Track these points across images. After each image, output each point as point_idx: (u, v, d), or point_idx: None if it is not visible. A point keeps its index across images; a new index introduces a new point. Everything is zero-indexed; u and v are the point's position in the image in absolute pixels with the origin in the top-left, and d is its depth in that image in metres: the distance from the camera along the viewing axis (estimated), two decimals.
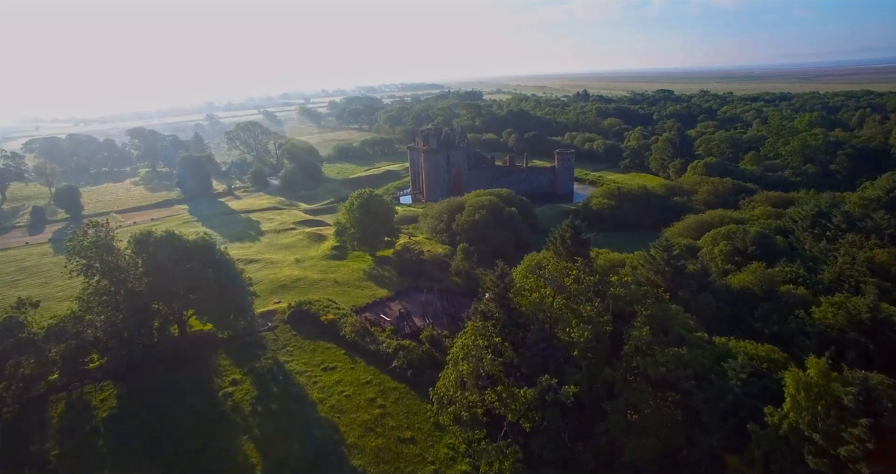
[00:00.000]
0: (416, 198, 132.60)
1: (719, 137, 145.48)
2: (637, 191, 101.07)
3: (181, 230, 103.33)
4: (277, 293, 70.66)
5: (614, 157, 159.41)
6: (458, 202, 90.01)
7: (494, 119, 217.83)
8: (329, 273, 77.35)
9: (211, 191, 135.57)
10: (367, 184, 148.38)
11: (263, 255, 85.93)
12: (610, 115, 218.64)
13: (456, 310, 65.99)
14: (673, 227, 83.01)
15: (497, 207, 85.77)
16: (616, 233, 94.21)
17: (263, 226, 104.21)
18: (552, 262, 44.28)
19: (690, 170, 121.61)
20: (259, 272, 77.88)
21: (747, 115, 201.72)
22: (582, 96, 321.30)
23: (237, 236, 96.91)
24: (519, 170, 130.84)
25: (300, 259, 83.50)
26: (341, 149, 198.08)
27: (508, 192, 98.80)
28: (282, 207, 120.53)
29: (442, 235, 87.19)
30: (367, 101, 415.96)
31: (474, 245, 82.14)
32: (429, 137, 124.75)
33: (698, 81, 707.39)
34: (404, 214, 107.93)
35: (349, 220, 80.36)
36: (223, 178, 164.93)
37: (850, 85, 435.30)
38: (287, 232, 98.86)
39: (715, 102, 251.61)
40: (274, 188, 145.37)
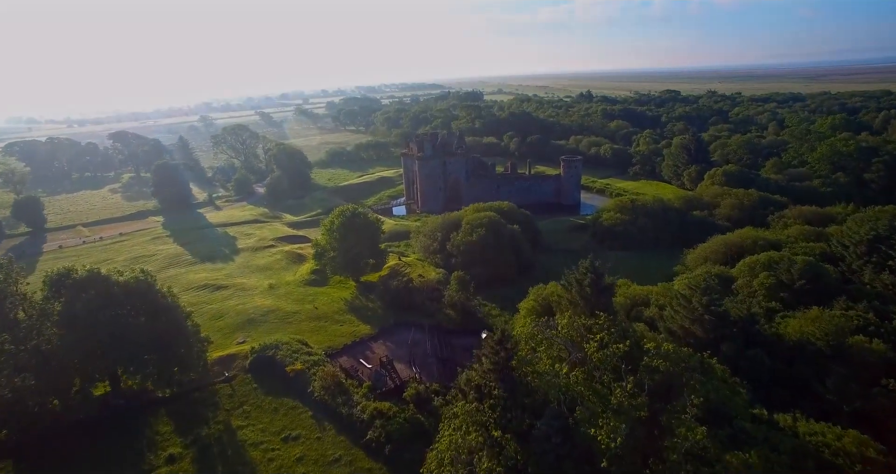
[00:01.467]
0: (410, 209, 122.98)
1: (736, 142, 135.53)
2: (653, 204, 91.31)
3: (148, 247, 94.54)
4: (244, 329, 61.08)
5: (622, 163, 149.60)
6: (454, 219, 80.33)
7: (495, 121, 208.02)
8: (306, 303, 67.77)
9: (189, 201, 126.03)
10: (359, 191, 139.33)
11: (234, 279, 76.32)
12: (616, 116, 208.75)
13: (450, 353, 56.41)
14: (696, 250, 73.29)
15: (497, 225, 76.08)
16: (631, 253, 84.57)
17: (240, 242, 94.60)
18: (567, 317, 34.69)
19: (708, 178, 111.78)
20: (226, 301, 68.37)
21: (761, 117, 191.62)
22: (585, 97, 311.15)
23: (209, 255, 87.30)
24: (521, 179, 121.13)
25: (275, 284, 73.91)
26: (334, 154, 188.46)
27: (510, 206, 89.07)
28: (264, 220, 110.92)
29: (435, 257, 77.53)
30: (364, 102, 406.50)
31: (472, 268, 72.58)
32: (423, 143, 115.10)
33: (701, 81, 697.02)
34: (395, 229, 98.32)
35: (329, 242, 70.75)
36: (207, 186, 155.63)
37: (856, 84, 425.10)
38: (265, 250, 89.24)
39: (726, 103, 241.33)
40: (259, 197, 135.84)
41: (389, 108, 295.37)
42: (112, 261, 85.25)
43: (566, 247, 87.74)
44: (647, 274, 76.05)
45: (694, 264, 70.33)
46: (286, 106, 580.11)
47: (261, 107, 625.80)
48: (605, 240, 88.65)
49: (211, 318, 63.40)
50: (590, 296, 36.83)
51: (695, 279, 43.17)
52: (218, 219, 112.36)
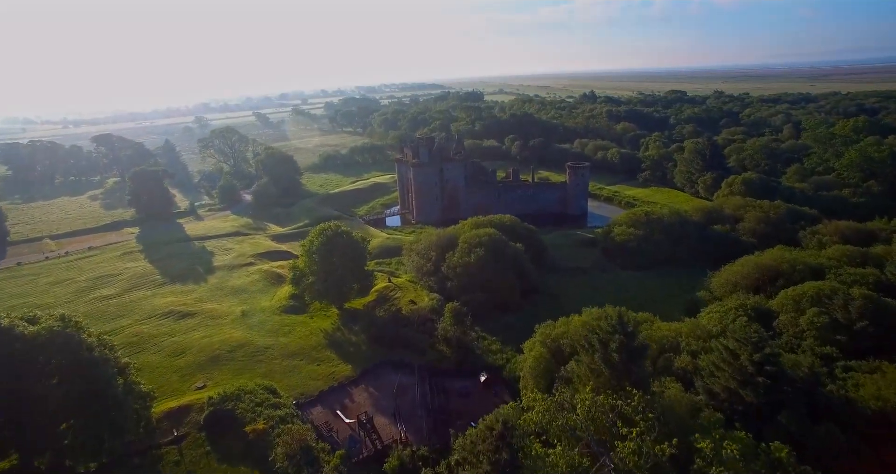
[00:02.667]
0: (405, 219, 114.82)
1: (753, 146, 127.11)
2: (669, 217, 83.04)
3: (115, 265, 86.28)
4: (206, 369, 52.99)
5: (631, 168, 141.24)
6: (449, 236, 72.14)
7: (496, 123, 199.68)
8: (280, 335, 59.70)
9: (169, 211, 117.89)
10: (352, 199, 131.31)
11: (204, 305, 68.25)
12: (622, 118, 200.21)
13: (443, 401, 48.27)
14: (723, 272, 64.89)
15: (497, 244, 67.87)
16: (645, 272, 76.39)
17: (217, 258, 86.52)
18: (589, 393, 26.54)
19: (726, 187, 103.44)
20: (191, 333, 60.26)
21: (775, 118, 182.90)
22: (589, 97, 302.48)
23: (180, 274, 79.21)
24: (524, 187, 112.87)
25: (248, 311, 65.83)
26: (327, 158, 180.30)
27: (511, 220, 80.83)
28: (246, 232, 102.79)
29: (429, 279, 69.34)
30: (362, 103, 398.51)
31: (470, 293, 64.53)
32: (419, 148, 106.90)
33: (703, 81, 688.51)
34: (386, 244, 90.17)
35: (307, 265, 62.62)
36: (192, 193, 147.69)
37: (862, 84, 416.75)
38: (242, 269, 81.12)
39: (735, 105, 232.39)
40: (246, 205, 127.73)
41: (387, 110, 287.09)
42: (73, 280, 77.25)
43: (574, 265, 79.56)
44: (666, 298, 68.09)
45: (721, 289, 62.02)
46: (285, 106, 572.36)
47: (260, 107, 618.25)
48: (617, 258, 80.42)
49: (170, 355, 55.39)
50: (618, 363, 28.63)
51: (741, 329, 34.77)
52: (197, 230, 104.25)
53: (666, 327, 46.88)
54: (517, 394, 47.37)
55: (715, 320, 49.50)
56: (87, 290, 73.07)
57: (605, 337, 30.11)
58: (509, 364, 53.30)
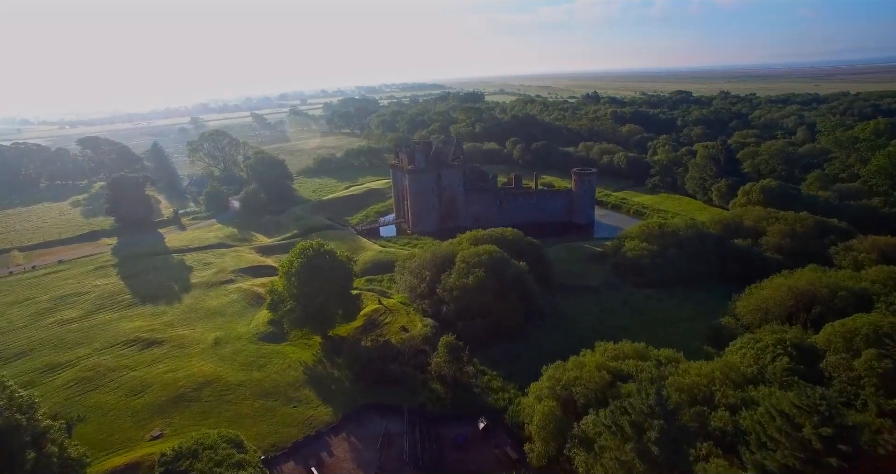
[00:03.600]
0: (400, 228, 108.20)
1: (768, 150, 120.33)
2: (686, 230, 76.33)
3: (83, 282, 79.30)
4: (167, 412, 46.43)
5: (639, 173, 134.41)
6: (446, 253, 65.50)
7: (497, 125, 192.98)
8: (255, 369, 53.14)
9: (151, 220, 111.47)
10: (345, 206, 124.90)
11: (174, 330, 61.73)
12: (627, 120, 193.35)
13: (436, 452, 41.67)
14: (750, 295, 58.31)
15: (498, 264, 61.25)
16: (660, 291, 69.71)
17: (195, 274, 79.99)
18: None
19: (742, 195, 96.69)
20: (155, 365, 53.71)
21: (787, 120, 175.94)
22: (592, 98, 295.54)
23: (153, 293, 72.69)
24: (527, 194, 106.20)
25: (222, 339, 59.28)
26: (322, 161, 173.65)
27: (514, 234, 74.24)
28: (230, 244, 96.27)
29: (422, 302, 62.74)
30: (361, 103, 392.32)
31: (468, 318, 58.14)
32: (415, 153, 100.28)
33: (705, 81, 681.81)
34: (378, 258, 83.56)
35: (286, 288, 56.04)
36: (179, 199, 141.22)
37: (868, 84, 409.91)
38: (221, 287, 74.58)
39: (744, 105, 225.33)
40: (233, 212, 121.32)
41: (385, 111, 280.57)
42: (34, 300, 70.77)
43: (583, 283, 72.88)
44: (684, 322, 61.41)
45: (749, 316, 55.44)
46: (285, 107, 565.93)
47: (259, 108, 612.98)
48: (629, 275, 73.73)
49: (128, 394, 48.86)
50: (658, 456, 21.95)
51: (807, 397, 27.96)
52: (178, 242, 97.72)
53: (695, 370, 40.17)
54: (520, 443, 40.91)
55: (750, 359, 42.78)
56: (47, 312, 66.56)
57: (638, 417, 23.44)
58: (512, 405, 46.75)
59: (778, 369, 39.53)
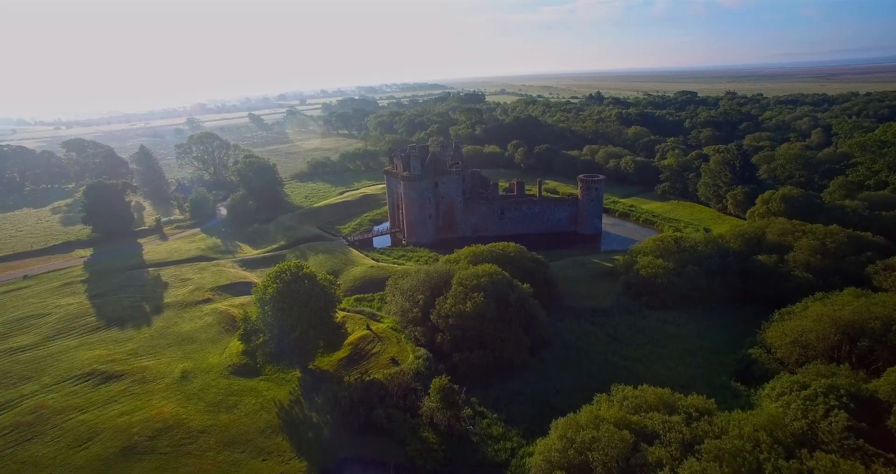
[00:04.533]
0: (395, 239, 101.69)
1: (785, 155, 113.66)
2: (704, 245, 69.78)
3: (47, 301, 72.55)
4: (112, 470, 39.96)
5: (647, 179, 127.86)
6: (441, 274, 58.95)
7: (498, 127, 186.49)
8: (223, 410, 46.70)
9: (131, 229, 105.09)
10: (338, 213, 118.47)
11: (138, 361, 55.30)
12: (633, 121, 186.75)
13: None
14: (782, 323, 51.81)
15: (499, 287, 54.75)
16: (678, 314, 63.34)
17: (170, 292, 73.55)
18: None
19: (761, 204, 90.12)
20: (109, 407, 47.31)
21: (800, 122, 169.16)
22: (596, 99, 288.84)
23: (120, 314, 66.23)
24: (530, 203, 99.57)
25: (190, 371, 52.84)
26: (316, 165, 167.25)
27: (516, 250, 67.69)
28: (212, 256, 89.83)
29: (415, 329, 56.24)
30: (359, 104, 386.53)
31: (465, 349, 51.83)
32: (410, 159, 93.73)
33: (708, 80, 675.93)
34: (370, 275, 77.01)
35: (261, 317, 49.55)
36: (165, 206, 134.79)
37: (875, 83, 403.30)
38: (196, 307, 68.12)
39: (754, 107, 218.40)
40: (220, 221, 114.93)
41: (383, 112, 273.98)
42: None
43: (592, 306, 66.35)
44: (708, 352, 54.90)
45: (783, 349, 48.84)
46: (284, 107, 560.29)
47: (258, 108, 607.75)
48: (642, 295, 67.21)
49: (71, 444, 42.43)
50: None
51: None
52: (157, 254, 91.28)
53: (734, 428, 33.54)
54: None
55: (796, 410, 36.36)
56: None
57: None
58: (515, 459, 40.38)
59: (836, 429, 33.06)
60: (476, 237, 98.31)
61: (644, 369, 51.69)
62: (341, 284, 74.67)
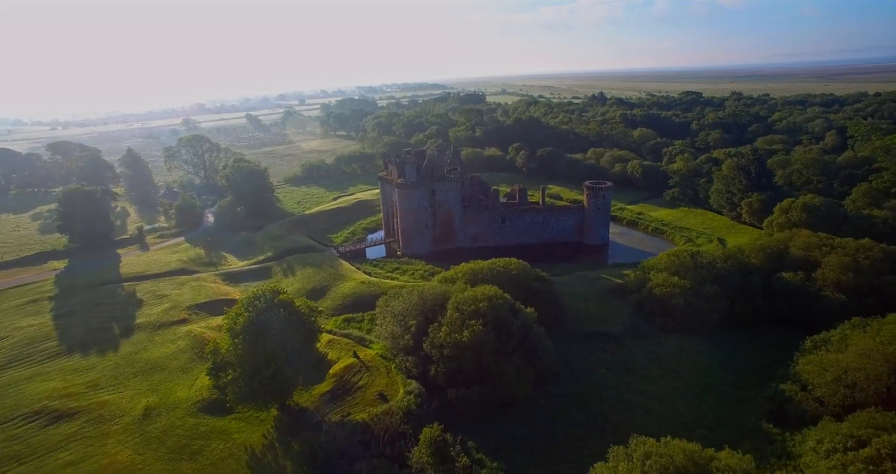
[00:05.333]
0: (390, 249, 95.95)
1: (802, 159, 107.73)
2: (724, 261, 63.87)
3: (3, 322, 66.68)
4: None
5: (655, 184, 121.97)
6: (436, 296, 53.15)
7: (499, 129, 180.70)
8: (185, 458, 41.01)
9: (111, 238, 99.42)
10: (330, 221, 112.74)
11: (97, 395, 49.64)
12: (638, 123, 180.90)
13: None
14: (820, 356, 45.96)
15: (501, 314, 49.00)
16: (696, 340, 57.54)
17: (144, 311, 67.91)
18: None
19: (780, 213, 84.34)
20: (54, 454, 41.67)
21: (813, 124, 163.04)
22: (598, 99, 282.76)
23: (85, 339, 60.54)
24: (533, 211, 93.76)
25: (154, 408, 47.18)
26: (311, 168, 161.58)
27: (520, 266, 61.87)
28: (194, 269, 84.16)
29: (407, 358, 50.47)
30: (358, 105, 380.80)
31: (461, 384, 46.28)
32: (404, 165, 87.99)
33: (711, 80, 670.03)
34: (359, 292, 71.20)
35: (231, 350, 43.81)
36: (151, 212, 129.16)
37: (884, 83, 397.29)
38: (170, 329, 62.47)
39: (762, 108, 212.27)
40: (207, 228, 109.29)
41: (381, 113, 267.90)
42: None
43: (602, 329, 60.52)
44: (734, 388, 49.10)
45: (824, 388, 42.93)
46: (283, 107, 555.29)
47: (257, 108, 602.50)
48: (656, 316, 61.41)
49: None
50: None
51: None
52: (135, 266, 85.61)
53: None
54: None
55: None
56: None
57: None
58: None
59: None
60: (475, 248, 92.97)
61: (663, 408, 46.01)
62: (328, 303, 69.24)
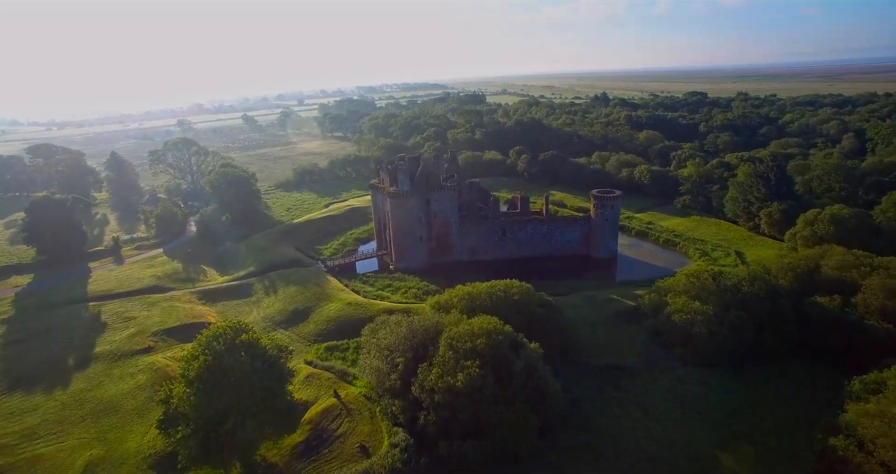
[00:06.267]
0: (382, 262, 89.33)
1: (822, 165, 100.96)
2: (749, 283, 57.18)
3: None
4: None
5: (664, 190, 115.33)
6: (427, 328, 46.57)
7: (499, 131, 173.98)
8: None
9: (82, 250, 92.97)
10: (321, 230, 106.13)
11: (32, 447, 43.15)
12: (643, 125, 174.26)
13: None
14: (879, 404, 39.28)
15: (501, 351, 42.46)
16: (721, 374, 50.99)
17: (106, 337, 61.39)
18: None
19: (804, 225, 77.81)
20: None
21: (828, 126, 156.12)
22: (601, 100, 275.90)
23: (31, 372, 54.01)
24: (536, 222, 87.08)
25: (98, 463, 40.74)
26: (303, 172, 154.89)
27: (522, 290, 55.29)
28: (168, 286, 77.63)
29: (393, 402, 43.85)
30: (356, 105, 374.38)
31: (455, 435, 39.88)
32: (397, 173, 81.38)
33: (714, 80, 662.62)
34: (344, 315, 64.54)
35: (185, 398, 37.21)
36: (133, 219, 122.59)
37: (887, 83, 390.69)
38: (132, 359, 55.95)
39: (772, 109, 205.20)
40: (189, 239, 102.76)
41: (378, 114, 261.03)
42: None
43: (614, 361, 53.98)
44: (771, 435, 42.53)
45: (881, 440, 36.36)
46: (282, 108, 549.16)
47: (256, 108, 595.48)
48: (675, 346, 54.79)
49: None
50: None
51: None
52: (105, 282, 79.07)
53: None
54: None
55: None
56: None
57: None
58: None
59: None
60: (474, 261, 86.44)
61: (689, 462, 39.47)
62: (311, 328, 62.73)
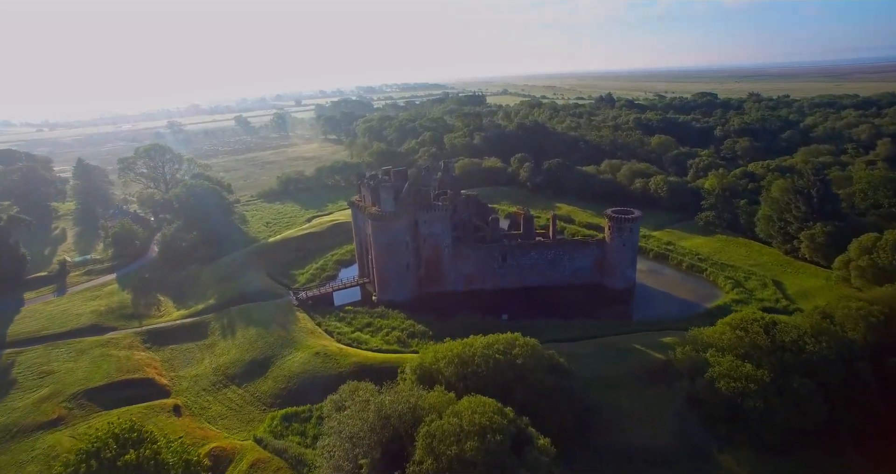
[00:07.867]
0: (365, 291, 77.54)
1: (866, 179, 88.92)
2: (815, 340, 45.28)
3: None
4: None
5: (683, 203, 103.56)
6: (400, 416, 34.86)
7: (500, 135, 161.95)
8: None
9: (21, 276, 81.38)
10: (298, 249, 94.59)
11: None
12: (654, 128, 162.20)
13: None
14: None
15: (499, 458, 30.69)
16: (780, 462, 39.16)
17: (6, 404, 49.66)
18: None
19: (858, 251, 66.22)
20: None
21: (858, 131, 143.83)
22: (607, 101, 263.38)
23: None
24: (541, 247, 75.22)
25: None
26: (287, 181, 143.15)
27: (526, 350, 43.48)
28: (109, 324, 66.01)
29: None
30: (353, 106, 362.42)
31: None
32: (379, 190, 69.57)
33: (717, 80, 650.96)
34: (310, 369, 52.77)
35: None
36: (91, 237, 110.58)
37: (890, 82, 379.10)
38: (29, 438, 44.23)
39: (791, 111, 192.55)
40: (150, 260, 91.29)
41: (373, 117, 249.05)
42: None
43: (642, 442, 42.21)
44: None
45: None
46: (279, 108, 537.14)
47: (253, 108, 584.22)
48: (721, 423, 43.03)
49: None
50: None
51: None
52: (34, 321, 67.36)
53: None
54: None
55: None
56: None
57: None
58: None
59: None
60: (469, 292, 74.70)
61: None
62: (269, 386, 51.12)
